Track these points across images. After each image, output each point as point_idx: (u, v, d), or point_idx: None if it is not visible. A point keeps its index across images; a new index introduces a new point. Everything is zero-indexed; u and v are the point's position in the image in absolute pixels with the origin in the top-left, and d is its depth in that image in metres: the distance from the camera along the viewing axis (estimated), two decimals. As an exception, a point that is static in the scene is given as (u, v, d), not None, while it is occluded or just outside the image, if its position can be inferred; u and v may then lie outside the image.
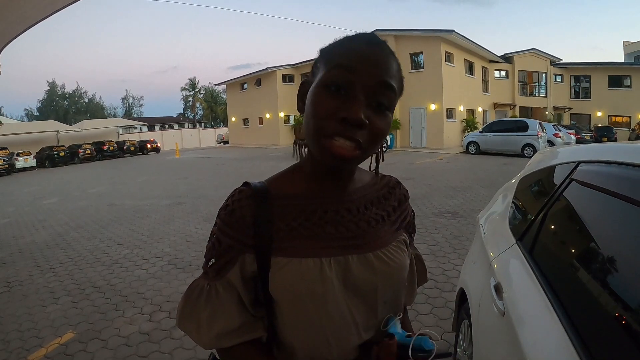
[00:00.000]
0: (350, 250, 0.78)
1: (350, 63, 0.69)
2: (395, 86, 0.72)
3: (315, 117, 0.69)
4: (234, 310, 0.77)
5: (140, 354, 3.06)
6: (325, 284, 0.73)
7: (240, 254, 0.76)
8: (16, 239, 7.08)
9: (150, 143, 35.22)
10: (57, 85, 65.73)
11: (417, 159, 16.67)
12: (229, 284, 0.77)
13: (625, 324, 0.94)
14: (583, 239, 1.41)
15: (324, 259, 0.75)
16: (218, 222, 0.79)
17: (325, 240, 0.77)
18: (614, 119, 27.20)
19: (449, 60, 22.08)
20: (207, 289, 0.78)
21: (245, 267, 0.77)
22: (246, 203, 0.77)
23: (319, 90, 0.70)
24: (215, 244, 0.79)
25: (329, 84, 0.69)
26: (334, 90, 0.69)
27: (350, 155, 0.69)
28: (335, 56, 0.72)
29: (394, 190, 0.93)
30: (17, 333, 3.48)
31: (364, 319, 0.79)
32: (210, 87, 68.32)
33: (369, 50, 0.71)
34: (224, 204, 0.80)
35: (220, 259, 0.78)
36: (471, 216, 6.62)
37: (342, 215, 0.80)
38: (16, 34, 9.06)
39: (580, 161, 1.65)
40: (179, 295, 3.99)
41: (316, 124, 0.69)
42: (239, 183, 0.83)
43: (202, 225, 7.18)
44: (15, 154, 25.21)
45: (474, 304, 2.01)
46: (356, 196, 0.84)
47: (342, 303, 0.75)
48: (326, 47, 0.76)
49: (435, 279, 4.14)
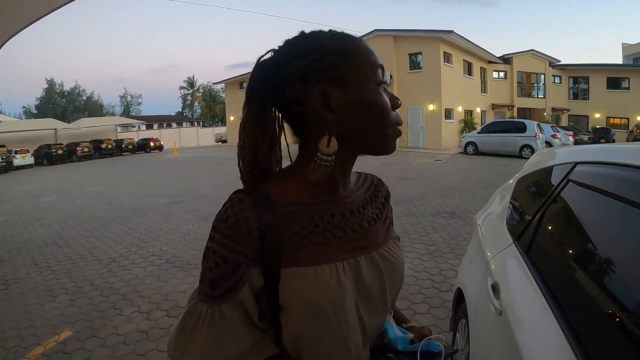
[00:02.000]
0: (359, 252, 0.77)
1: (377, 59, 0.75)
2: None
3: (386, 115, 0.74)
4: (244, 330, 0.71)
5: (138, 352, 3.06)
6: (343, 289, 0.72)
7: (247, 270, 0.70)
8: (14, 237, 7.08)
9: (153, 141, 35.14)
10: (55, 83, 65.85)
11: (415, 159, 16.67)
12: (237, 304, 0.70)
13: (622, 324, 0.95)
14: (580, 239, 1.42)
15: (338, 264, 0.73)
16: (218, 237, 0.71)
17: (336, 244, 0.75)
18: (612, 121, 27.25)
19: (448, 61, 22.11)
20: (209, 314, 0.70)
21: (253, 282, 0.70)
22: (250, 213, 0.70)
23: (378, 90, 0.74)
24: (219, 263, 0.70)
25: (380, 81, 0.74)
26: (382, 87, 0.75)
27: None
28: (369, 57, 0.75)
29: (379, 188, 0.93)
30: (15, 331, 3.48)
31: (371, 320, 0.78)
32: (208, 85, 68.33)
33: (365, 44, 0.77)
34: (223, 216, 0.71)
35: (228, 279, 0.69)
36: (469, 216, 6.64)
37: (347, 217, 0.79)
38: (15, 32, 9.02)
39: (578, 162, 1.66)
40: (177, 294, 4.03)
41: (388, 120, 0.74)
42: (238, 183, 0.76)
43: (200, 224, 7.18)
44: (13, 152, 25.19)
45: (471, 303, 2.02)
46: (355, 196, 0.83)
47: (353, 307, 0.74)
48: (343, 48, 0.72)
49: (432, 278, 4.15)
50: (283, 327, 0.72)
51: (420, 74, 21.89)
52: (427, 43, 21.52)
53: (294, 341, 0.73)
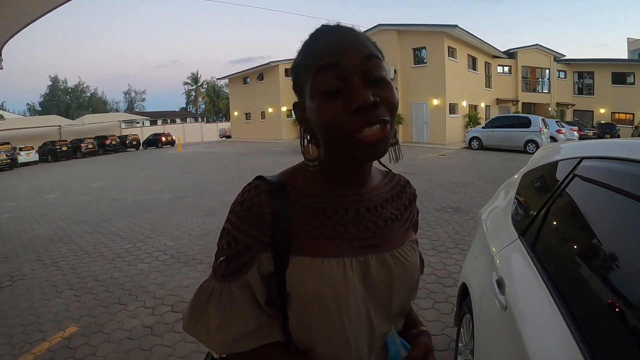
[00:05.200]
0: (370, 250, 0.77)
1: (330, 59, 0.67)
2: (376, 53, 0.70)
3: (330, 127, 0.67)
4: (250, 312, 0.73)
5: (143, 348, 3.08)
6: (348, 285, 0.72)
7: (258, 253, 0.72)
8: (19, 234, 7.11)
9: (165, 136, 35.09)
10: (59, 79, 65.80)
11: (419, 154, 16.65)
12: (245, 285, 0.73)
13: (626, 319, 0.94)
14: (585, 235, 1.41)
15: (346, 259, 0.73)
16: (233, 219, 0.74)
17: (347, 240, 0.75)
18: (617, 116, 27.06)
19: (452, 56, 21.99)
20: (218, 290, 0.73)
21: (262, 266, 0.72)
22: (265, 199, 0.73)
23: (318, 101, 0.68)
24: (231, 243, 0.73)
25: (322, 90, 0.67)
26: (332, 93, 0.67)
27: (383, 135, 0.67)
28: (310, 62, 0.70)
29: (404, 189, 0.92)
30: (20, 327, 3.50)
31: (377, 319, 0.77)
32: (212, 81, 68.39)
33: (337, 38, 0.70)
34: (239, 199, 0.75)
35: (237, 259, 0.73)
36: (473, 211, 6.63)
37: (362, 214, 0.79)
38: (19, 29, 9.04)
39: (584, 157, 1.64)
40: (182, 289, 4.04)
41: (336, 131, 0.67)
42: (242, 178, 0.80)
43: (205, 219, 7.20)
44: (17, 149, 25.31)
45: (476, 298, 2.01)
46: (374, 194, 0.83)
47: (361, 305, 0.74)
48: (295, 62, 0.75)
49: (437, 273, 4.15)
50: (289, 315, 0.74)
51: (424, 68, 21.79)
52: (432, 38, 21.40)
53: (298, 330, 0.74)
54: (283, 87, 28.83)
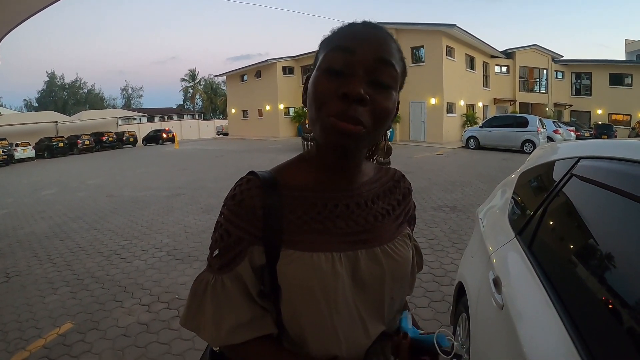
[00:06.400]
0: (359, 245, 0.77)
1: (348, 44, 0.69)
2: (395, 64, 0.71)
3: (316, 100, 0.69)
4: (243, 303, 0.74)
5: (138, 345, 3.07)
6: (337, 279, 0.73)
7: (249, 246, 0.74)
8: (15, 230, 7.08)
9: (166, 132, 34.94)
10: (56, 75, 65.69)
11: (416, 153, 16.67)
12: (237, 277, 0.74)
13: (623, 319, 0.95)
14: (582, 235, 1.42)
15: (335, 254, 0.74)
16: (225, 212, 0.76)
17: (336, 235, 0.76)
18: (614, 117, 27.12)
19: (450, 55, 22.01)
20: (212, 282, 0.75)
21: (253, 259, 0.74)
22: (255, 193, 0.75)
23: (319, 74, 0.70)
24: (223, 236, 0.75)
25: (328, 67, 0.69)
26: (334, 74, 0.68)
27: (355, 131, 0.66)
28: (333, 40, 0.72)
29: (398, 184, 0.92)
30: (16, 324, 3.49)
31: (369, 315, 0.78)
32: (210, 78, 68.40)
33: (366, 31, 0.71)
34: (231, 194, 0.77)
35: (229, 252, 0.75)
36: (470, 210, 6.64)
37: (352, 209, 0.79)
38: (16, 24, 8.99)
39: (581, 157, 1.64)
40: (178, 286, 4.04)
41: (318, 105, 0.69)
42: (239, 175, 0.80)
43: (201, 216, 7.19)
44: (14, 145, 25.17)
45: (472, 297, 2.02)
46: (364, 189, 0.83)
47: (349, 298, 0.75)
48: (326, 37, 0.76)
49: (433, 272, 4.15)
50: (281, 307, 0.76)
51: (422, 67, 21.78)
52: (430, 37, 21.41)
53: (290, 323, 0.76)
54: (281, 84, 28.78)
